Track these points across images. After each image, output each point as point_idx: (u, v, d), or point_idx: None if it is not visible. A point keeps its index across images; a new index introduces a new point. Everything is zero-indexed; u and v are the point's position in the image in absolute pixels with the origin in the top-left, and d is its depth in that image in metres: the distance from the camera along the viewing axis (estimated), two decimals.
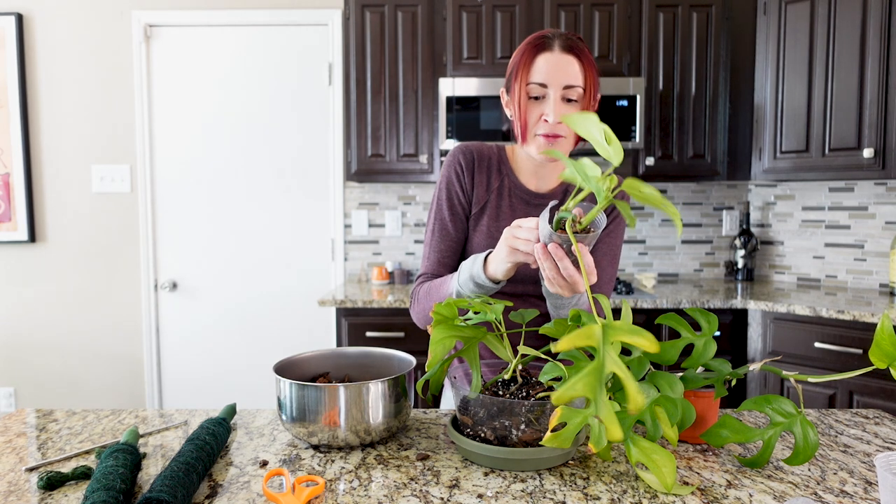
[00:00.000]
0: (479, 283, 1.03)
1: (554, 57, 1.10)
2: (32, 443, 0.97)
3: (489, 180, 1.23)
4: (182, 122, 3.04)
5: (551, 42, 1.11)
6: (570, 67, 1.10)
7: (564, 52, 1.11)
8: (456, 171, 1.23)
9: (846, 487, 0.81)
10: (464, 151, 1.24)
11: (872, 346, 0.77)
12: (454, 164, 1.24)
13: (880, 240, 2.70)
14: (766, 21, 2.60)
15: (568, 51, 1.11)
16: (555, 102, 1.10)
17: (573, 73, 1.11)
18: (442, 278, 1.16)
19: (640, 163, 2.72)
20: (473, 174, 1.23)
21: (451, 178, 1.23)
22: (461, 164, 1.23)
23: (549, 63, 1.10)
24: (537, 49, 1.11)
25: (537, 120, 1.12)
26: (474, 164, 1.23)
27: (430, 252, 1.24)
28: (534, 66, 1.11)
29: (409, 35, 2.69)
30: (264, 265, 3.09)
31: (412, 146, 2.72)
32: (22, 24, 2.99)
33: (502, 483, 0.81)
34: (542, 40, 1.12)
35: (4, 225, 3.04)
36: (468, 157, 1.24)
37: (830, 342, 2.22)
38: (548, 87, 1.10)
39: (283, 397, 0.93)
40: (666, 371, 0.92)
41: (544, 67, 1.10)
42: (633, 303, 2.42)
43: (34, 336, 3.12)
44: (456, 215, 1.23)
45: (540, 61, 1.10)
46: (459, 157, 1.24)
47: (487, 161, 1.24)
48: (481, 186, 1.23)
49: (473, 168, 1.23)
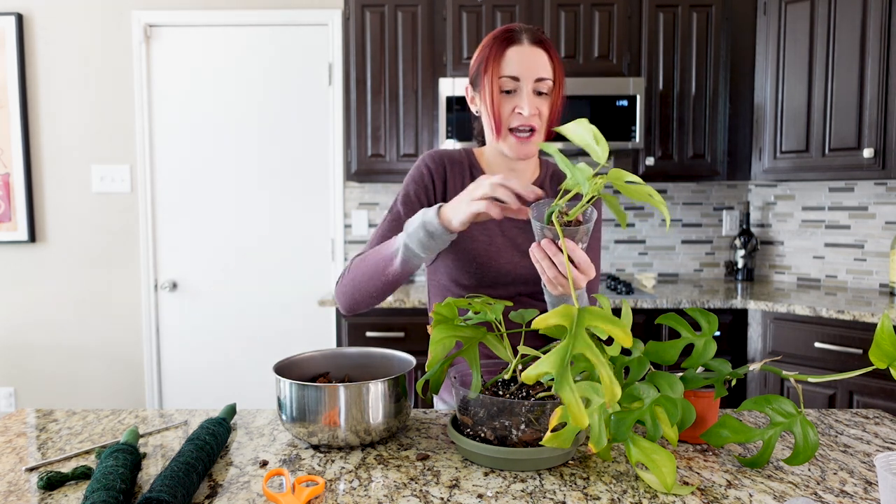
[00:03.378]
0: (431, 230, 0.97)
1: (524, 50, 1.10)
2: (32, 443, 0.97)
3: (463, 183, 1.22)
4: (182, 122, 3.04)
5: (519, 35, 1.11)
6: (540, 60, 1.10)
7: (534, 45, 1.11)
8: (422, 172, 1.21)
9: (846, 487, 0.81)
10: (433, 156, 1.23)
11: (872, 346, 0.77)
12: (421, 166, 1.22)
13: (880, 240, 2.70)
14: (766, 21, 2.60)
15: (537, 44, 1.11)
16: (528, 95, 1.10)
17: (543, 65, 1.10)
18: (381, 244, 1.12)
19: (640, 163, 2.72)
20: (445, 179, 1.21)
21: (416, 177, 1.21)
22: (429, 167, 1.22)
23: (521, 56, 1.09)
24: (506, 42, 1.10)
25: (510, 113, 1.11)
26: (445, 168, 1.22)
27: (374, 238, 1.19)
28: (504, 59, 1.10)
29: (409, 35, 2.69)
30: (264, 265, 3.09)
31: (412, 146, 2.72)
32: (22, 24, 2.99)
33: (502, 483, 0.81)
34: (510, 34, 1.11)
35: (4, 225, 3.04)
36: (437, 161, 1.22)
37: (830, 342, 2.22)
38: (520, 79, 1.10)
39: (283, 397, 0.93)
40: (666, 371, 0.92)
41: (515, 59, 1.09)
42: (633, 303, 2.42)
43: (34, 336, 3.12)
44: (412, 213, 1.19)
45: (510, 54, 1.10)
46: (427, 161, 1.22)
47: (459, 165, 1.23)
48: (454, 190, 1.21)
49: (445, 173, 1.22)
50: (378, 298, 1.12)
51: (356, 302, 1.14)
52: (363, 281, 1.11)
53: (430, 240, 0.98)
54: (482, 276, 1.19)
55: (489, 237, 1.19)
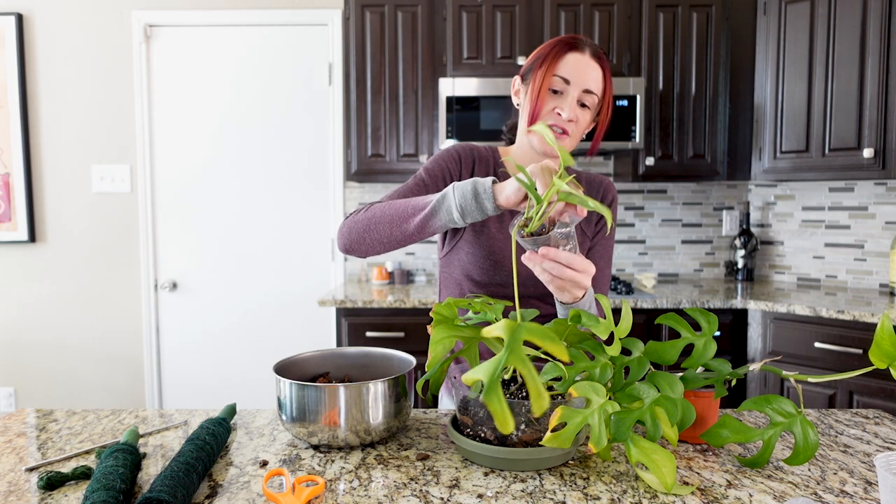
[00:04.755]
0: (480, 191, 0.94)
1: (583, 59, 1.13)
2: (32, 443, 0.97)
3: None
4: (182, 122, 3.04)
5: (583, 45, 1.15)
6: (594, 73, 1.14)
7: (593, 59, 1.14)
8: (453, 156, 1.23)
9: (846, 487, 0.81)
10: (464, 147, 1.26)
11: (872, 346, 0.77)
12: (452, 151, 1.24)
13: (880, 240, 2.70)
14: (766, 21, 2.60)
15: (596, 59, 1.15)
16: (572, 100, 1.13)
17: (595, 79, 1.14)
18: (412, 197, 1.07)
19: (640, 163, 2.72)
20: (473, 170, 1.24)
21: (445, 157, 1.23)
22: (459, 154, 1.24)
23: (578, 62, 1.13)
24: (569, 47, 1.14)
25: (550, 111, 1.14)
26: (474, 160, 1.25)
27: (395, 194, 1.16)
28: (562, 60, 1.13)
29: (409, 35, 2.69)
30: (264, 265, 3.09)
31: (412, 146, 2.72)
32: (22, 24, 2.99)
33: (502, 483, 0.81)
34: (576, 41, 1.15)
35: (4, 225, 3.04)
36: (468, 152, 1.25)
37: (830, 342, 2.22)
38: (570, 84, 1.13)
39: (283, 397, 0.93)
40: (666, 371, 0.92)
41: (572, 65, 1.13)
42: (633, 303, 2.42)
43: (34, 336, 3.12)
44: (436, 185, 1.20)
45: (570, 58, 1.13)
46: (458, 149, 1.25)
47: (485, 161, 1.26)
48: None
49: (473, 164, 1.24)
50: (385, 247, 1.08)
51: (361, 242, 1.09)
52: (380, 223, 1.06)
53: (474, 200, 0.94)
54: (494, 273, 1.21)
55: (506, 236, 1.21)
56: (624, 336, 0.89)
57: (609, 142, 2.59)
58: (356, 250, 1.10)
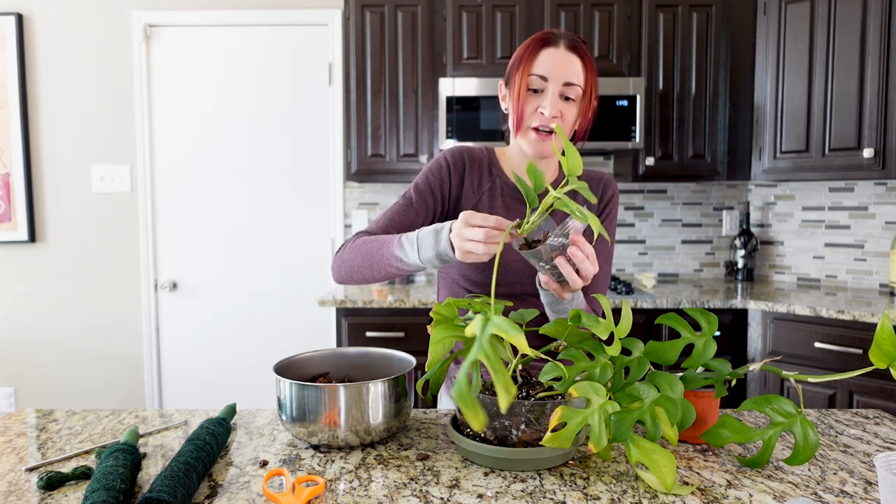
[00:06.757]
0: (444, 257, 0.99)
1: (558, 53, 1.12)
2: (32, 443, 0.97)
3: (480, 181, 1.24)
4: (182, 122, 3.04)
5: (557, 39, 1.13)
6: (572, 65, 1.12)
7: (569, 51, 1.13)
8: (441, 165, 1.24)
9: (846, 487, 0.81)
10: (453, 152, 1.25)
11: (872, 346, 0.77)
12: (441, 160, 1.25)
13: (880, 240, 2.70)
14: (766, 21, 2.60)
15: (572, 49, 1.13)
16: (552, 96, 1.12)
17: (575, 71, 1.12)
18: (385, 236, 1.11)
19: (640, 163, 2.72)
20: (463, 175, 1.24)
21: (434, 169, 1.24)
22: (448, 161, 1.24)
23: (553, 58, 1.12)
24: (542, 43, 1.13)
25: (533, 112, 1.13)
26: (464, 164, 1.24)
27: (382, 218, 1.21)
28: (537, 58, 1.12)
29: (409, 35, 2.69)
30: (264, 265, 3.09)
31: (412, 146, 2.72)
32: (22, 24, 2.99)
33: (502, 483, 0.81)
34: (549, 36, 1.14)
35: (4, 225, 3.04)
36: (457, 157, 1.24)
37: (830, 342, 2.22)
38: (548, 80, 1.12)
39: (283, 397, 0.93)
40: (666, 371, 0.92)
41: (547, 61, 1.12)
42: (633, 303, 2.42)
43: (34, 336, 3.12)
44: (424, 202, 1.21)
45: (543, 55, 1.12)
46: (447, 156, 1.25)
47: (478, 163, 1.25)
48: (471, 187, 1.23)
49: (463, 169, 1.24)
50: (372, 282, 1.17)
51: (350, 279, 1.17)
52: (362, 266, 1.13)
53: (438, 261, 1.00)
54: (492, 272, 1.20)
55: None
56: (624, 336, 0.89)
57: (609, 142, 2.59)
58: (348, 283, 1.19)
